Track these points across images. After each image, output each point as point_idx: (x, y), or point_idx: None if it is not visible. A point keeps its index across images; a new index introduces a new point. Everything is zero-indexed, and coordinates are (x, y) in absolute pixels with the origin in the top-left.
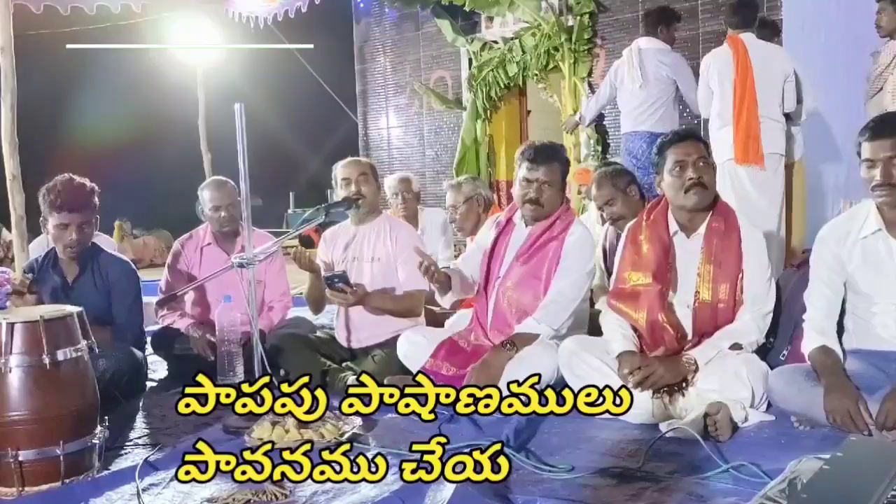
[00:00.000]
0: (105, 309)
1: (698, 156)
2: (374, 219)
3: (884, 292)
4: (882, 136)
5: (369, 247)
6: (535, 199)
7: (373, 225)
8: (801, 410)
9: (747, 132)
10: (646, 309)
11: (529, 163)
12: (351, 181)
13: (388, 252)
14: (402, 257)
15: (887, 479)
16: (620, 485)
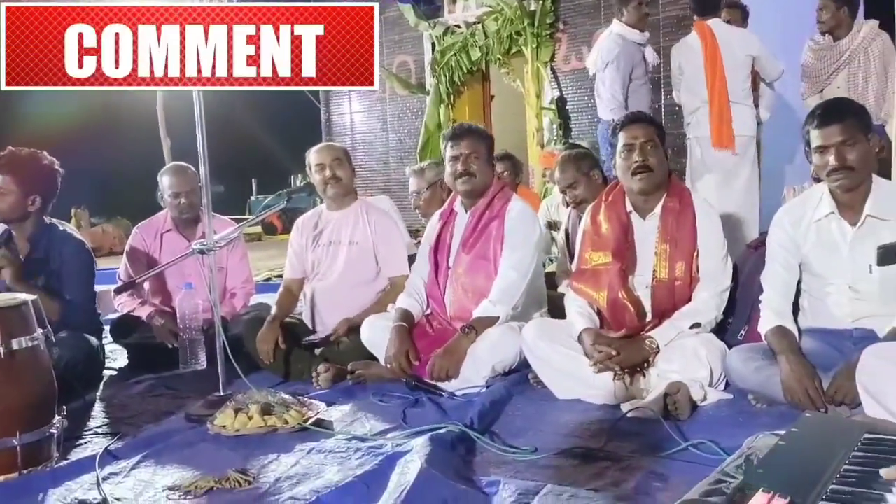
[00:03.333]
0: (57, 287)
1: (646, 139)
2: (350, 203)
3: (837, 273)
4: (831, 122)
5: (347, 231)
6: (464, 171)
7: (350, 209)
8: (758, 389)
9: (720, 117)
10: (606, 288)
11: (451, 140)
12: (325, 166)
13: (367, 236)
14: (383, 242)
15: (841, 453)
16: (583, 465)
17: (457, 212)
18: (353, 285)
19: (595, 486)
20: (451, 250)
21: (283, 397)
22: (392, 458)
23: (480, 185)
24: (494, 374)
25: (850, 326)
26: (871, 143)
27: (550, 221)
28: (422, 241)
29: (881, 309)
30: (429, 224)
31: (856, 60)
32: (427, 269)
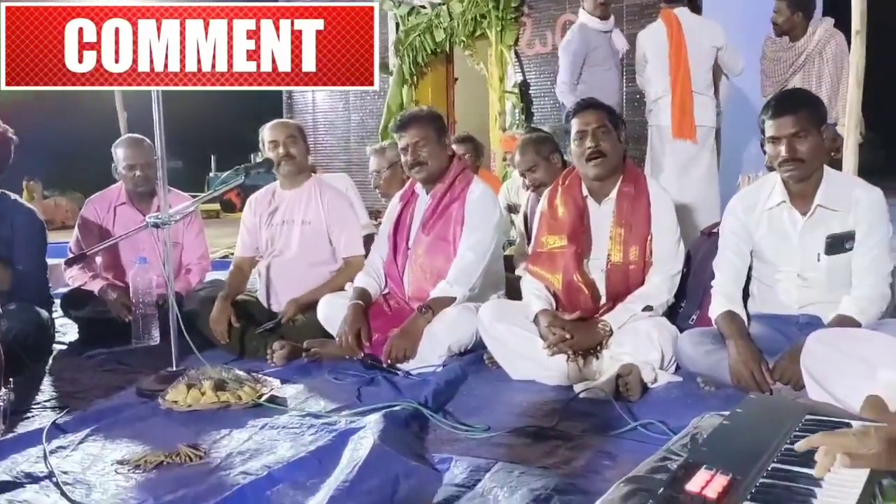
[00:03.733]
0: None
1: (598, 125)
2: (303, 181)
3: (786, 261)
4: (784, 113)
5: (300, 210)
6: (414, 161)
7: (303, 188)
8: (707, 372)
9: (682, 107)
10: (561, 270)
11: (397, 132)
12: (279, 143)
13: (320, 215)
14: (336, 223)
15: (782, 433)
16: (534, 443)
17: (417, 193)
18: (308, 265)
19: (545, 463)
20: (411, 231)
21: (236, 374)
22: (345, 435)
23: (434, 170)
24: (450, 354)
25: (796, 313)
26: (824, 136)
27: (510, 204)
28: (382, 222)
29: (827, 296)
30: (389, 204)
31: (811, 62)
32: (386, 248)
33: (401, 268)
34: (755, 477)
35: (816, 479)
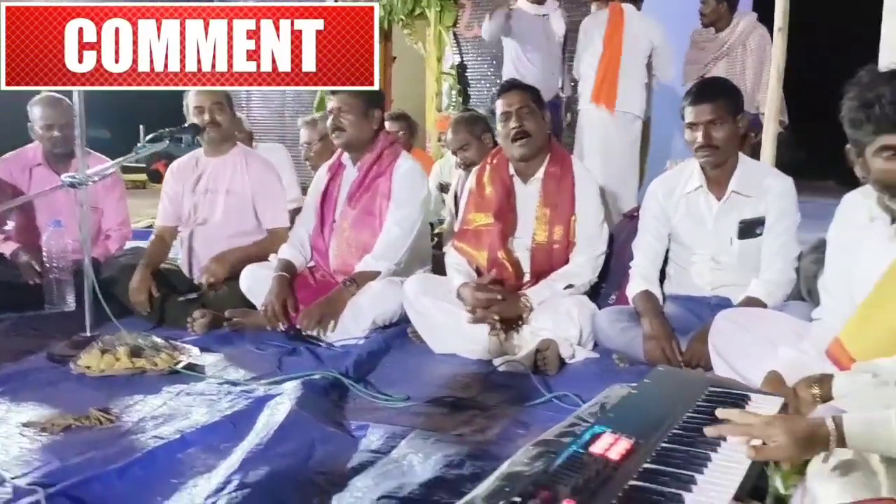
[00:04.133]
0: None
1: (521, 105)
2: (229, 150)
3: (701, 244)
4: (703, 101)
5: (223, 179)
6: (335, 126)
7: (228, 157)
8: (622, 348)
9: (604, 75)
10: (487, 248)
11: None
12: (204, 110)
13: (245, 185)
14: (261, 193)
15: (686, 402)
16: (452, 413)
17: (345, 165)
18: (232, 235)
19: (461, 431)
20: (338, 204)
21: (154, 340)
22: (262, 401)
23: (353, 139)
24: (374, 326)
25: (709, 294)
26: (740, 125)
27: (441, 183)
28: (308, 193)
29: (738, 279)
30: (316, 176)
31: (734, 52)
32: (313, 221)
33: (327, 240)
34: (657, 441)
35: (712, 444)
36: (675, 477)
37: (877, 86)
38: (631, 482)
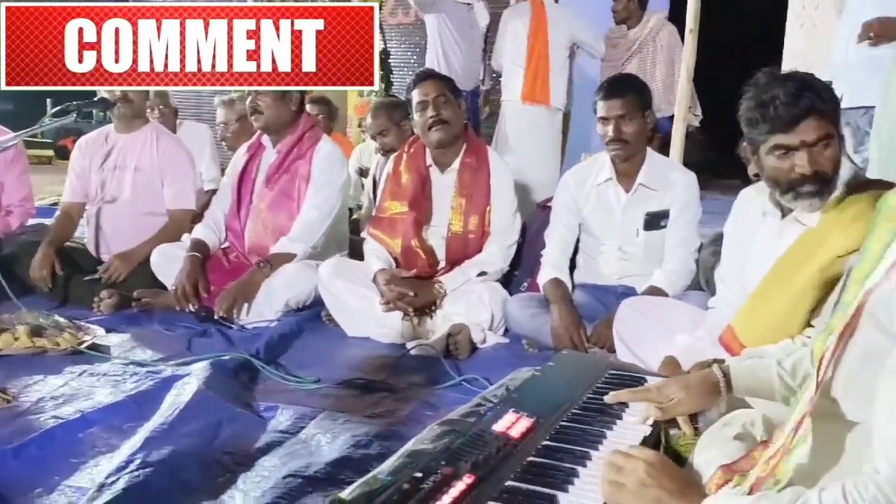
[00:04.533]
0: None
1: (437, 94)
2: (139, 126)
3: (610, 234)
4: (614, 96)
5: (133, 156)
6: (252, 109)
7: (139, 133)
8: (531, 334)
9: (536, 73)
10: (401, 236)
11: None
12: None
13: (153, 163)
14: (168, 174)
15: (586, 384)
16: (362, 395)
17: (264, 146)
18: (140, 213)
19: (370, 413)
20: (256, 185)
21: (56, 320)
22: (169, 381)
23: (270, 121)
24: (288, 309)
25: (615, 283)
26: (648, 120)
27: (361, 168)
28: (226, 173)
29: (643, 269)
30: (234, 156)
31: (646, 49)
32: (229, 201)
33: (242, 221)
34: (556, 420)
35: (608, 422)
36: (571, 453)
37: (772, 88)
38: (530, 458)
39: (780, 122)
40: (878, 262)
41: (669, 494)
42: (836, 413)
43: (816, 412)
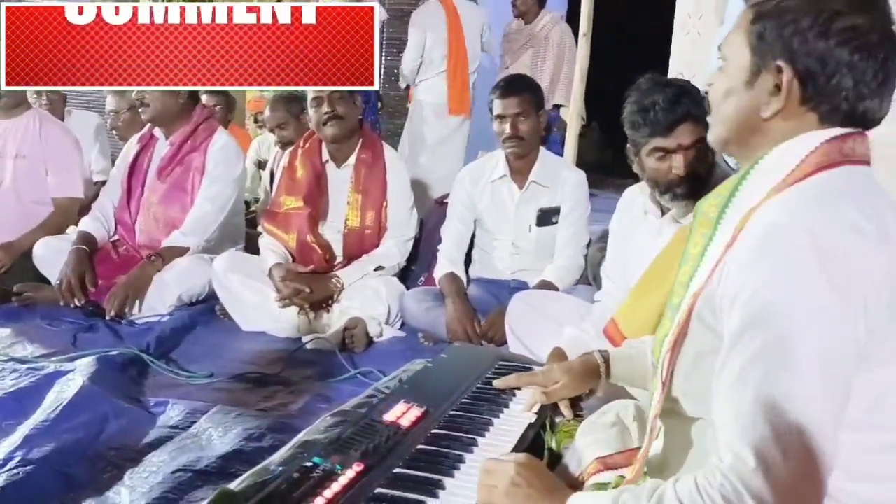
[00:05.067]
0: None
1: (331, 91)
2: (22, 112)
3: (504, 230)
4: (510, 94)
5: (14, 142)
6: (140, 101)
7: (21, 119)
8: (427, 327)
9: (463, 84)
10: (296, 231)
11: None
12: None
13: (36, 150)
14: (53, 161)
15: (476, 374)
16: (256, 389)
17: (157, 137)
18: (23, 202)
19: (263, 406)
20: (147, 177)
21: None
22: (52, 377)
23: (157, 113)
24: (181, 303)
25: (508, 278)
26: (541, 119)
27: (260, 160)
28: (116, 164)
29: (535, 264)
30: (125, 146)
31: (539, 44)
32: (119, 193)
33: (133, 214)
34: (446, 409)
35: (495, 410)
36: (459, 440)
37: (652, 93)
38: (419, 446)
39: (660, 126)
40: (698, 265)
41: (539, 493)
42: (679, 411)
43: (664, 411)
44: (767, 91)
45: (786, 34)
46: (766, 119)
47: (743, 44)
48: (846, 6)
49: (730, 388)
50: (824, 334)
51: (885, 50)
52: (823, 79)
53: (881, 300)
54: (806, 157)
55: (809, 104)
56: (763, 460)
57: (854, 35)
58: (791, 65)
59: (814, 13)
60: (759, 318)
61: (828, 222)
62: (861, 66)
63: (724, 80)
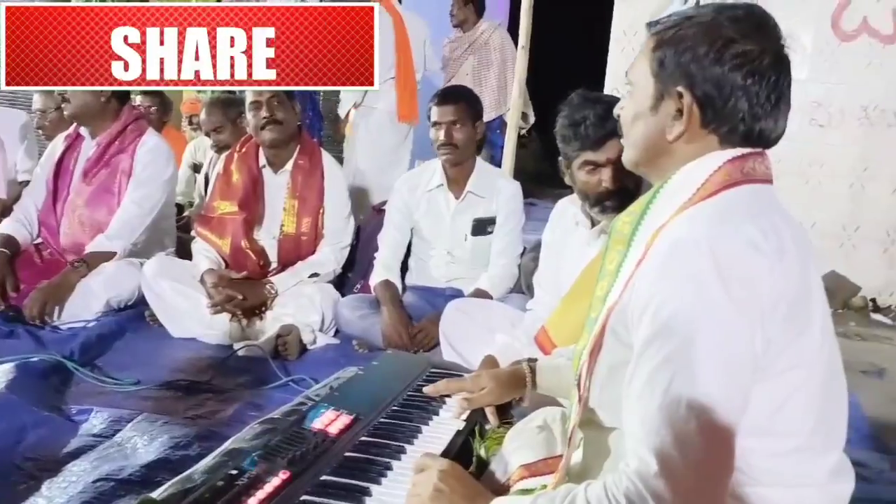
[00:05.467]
0: None
1: (271, 94)
2: None
3: (440, 239)
4: (447, 102)
5: None
6: (62, 98)
7: None
8: (361, 334)
9: (411, 92)
10: (230, 236)
11: None
12: None
13: None
14: None
15: (407, 382)
16: (185, 397)
17: (83, 137)
18: None
19: (192, 414)
20: (73, 178)
21: None
22: None
23: (78, 110)
24: (108, 309)
25: (444, 286)
26: (477, 129)
27: (196, 163)
28: (40, 163)
29: (470, 272)
30: (50, 146)
31: (480, 50)
32: (43, 194)
33: (58, 217)
34: (376, 416)
35: (425, 417)
36: (387, 447)
37: (583, 109)
38: (347, 453)
39: (589, 140)
40: (614, 281)
41: (461, 498)
42: (597, 421)
43: (583, 421)
44: (671, 115)
45: (684, 61)
46: (671, 141)
47: (646, 70)
48: (738, 34)
49: (637, 396)
50: (724, 344)
51: (776, 72)
52: (720, 102)
53: (777, 312)
54: (709, 177)
55: (710, 126)
56: (665, 464)
57: (746, 60)
58: (690, 90)
59: (709, 41)
60: (664, 328)
61: (727, 239)
62: (754, 89)
63: (632, 104)
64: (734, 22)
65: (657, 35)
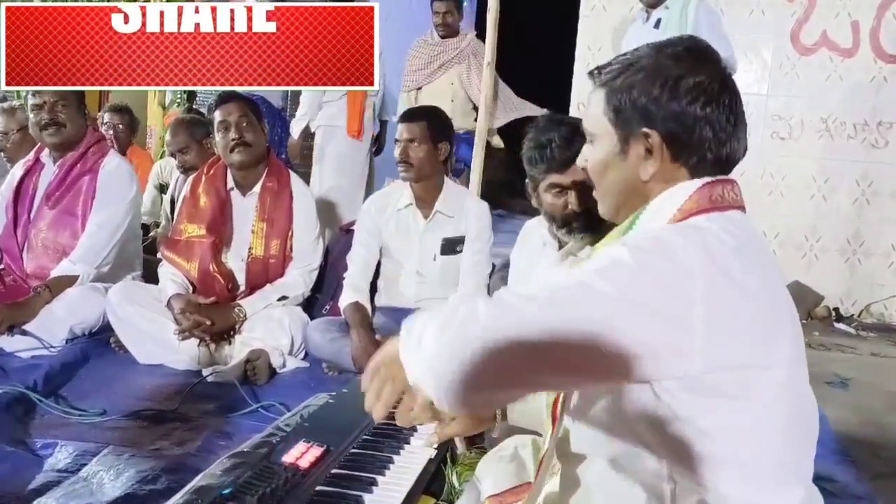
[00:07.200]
0: None
1: (240, 115)
2: None
3: (409, 258)
4: (408, 120)
5: None
6: (51, 121)
7: None
8: (331, 358)
9: (360, 109)
10: (198, 259)
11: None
12: None
13: None
14: None
15: None
16: (151, 426)
17: (43, 162)
18: None
19: (159, 445)
20: (35, 202)
21: None
22: None
23: (72, 135)
24: (73, 335)
25: (413, 306)
26: (440, 150)
27: (162, 184)
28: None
29: (439, 292)
30: (11, 171)
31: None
32: (4, 220)
33: (20, 242)
34: (347, 447)
35: (396, 447)
36: (359, 480)
37: (549, 131)
38: (318, 487)
39: (555, 162)
40: None
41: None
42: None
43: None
44: (640, 156)
45: (640, 104)
46: (647, 181)
47: (604, 121)
48: (685, 68)
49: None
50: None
51: (728, 96)
52: (685, 135)
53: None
54: (681, 206)
55: (680, 160)
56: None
57: (700, 91)
58: (654, 129)
59: (660, 81)
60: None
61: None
62: (714, 116)
63: (598, 155)
64: (676, 59)
65: (606, 86)
